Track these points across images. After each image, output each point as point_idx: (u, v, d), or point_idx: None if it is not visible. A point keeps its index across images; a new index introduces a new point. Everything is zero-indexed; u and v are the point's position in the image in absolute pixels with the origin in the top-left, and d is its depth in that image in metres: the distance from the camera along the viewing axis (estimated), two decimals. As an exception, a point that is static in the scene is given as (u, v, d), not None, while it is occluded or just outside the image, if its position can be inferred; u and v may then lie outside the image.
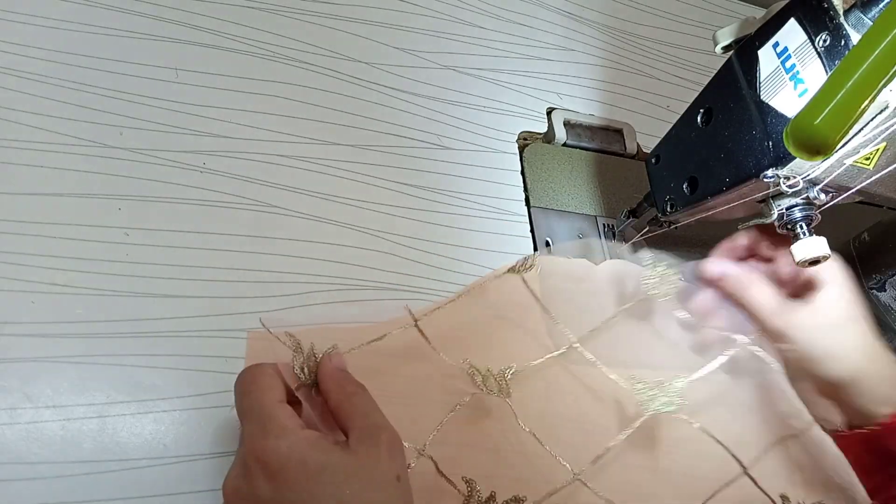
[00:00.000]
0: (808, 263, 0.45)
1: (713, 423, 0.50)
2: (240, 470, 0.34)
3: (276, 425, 0.34)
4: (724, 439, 0.50)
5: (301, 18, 0.60)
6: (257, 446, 0.34)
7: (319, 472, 0.33)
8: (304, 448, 0.34)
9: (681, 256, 0.62)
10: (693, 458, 0.51)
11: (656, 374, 0.51)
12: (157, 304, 0.45)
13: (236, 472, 0.34)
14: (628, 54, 0.73)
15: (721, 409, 0.53)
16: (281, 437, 0.34)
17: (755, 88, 0.43)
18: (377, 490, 0.34)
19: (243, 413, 0.36)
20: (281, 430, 0.34)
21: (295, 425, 0.35)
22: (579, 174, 0.63)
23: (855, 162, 0.41)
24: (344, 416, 0.37)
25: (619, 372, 0.51)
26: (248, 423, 0.35)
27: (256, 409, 0.35)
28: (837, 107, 0.33)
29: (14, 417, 0.40)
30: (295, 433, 0.34)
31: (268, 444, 0.33)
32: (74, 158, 0.48)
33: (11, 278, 0.43)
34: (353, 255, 0.52)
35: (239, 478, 0.34)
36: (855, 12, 0.38)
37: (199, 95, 0.53)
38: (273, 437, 0.34)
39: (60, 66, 0.50)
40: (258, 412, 0.35)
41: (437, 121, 0.60)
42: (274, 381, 0.37)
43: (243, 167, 0.52)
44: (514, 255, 0.56)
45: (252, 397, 0.36)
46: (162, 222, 0.48)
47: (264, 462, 0.33)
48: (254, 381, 0.37)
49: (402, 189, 0.56)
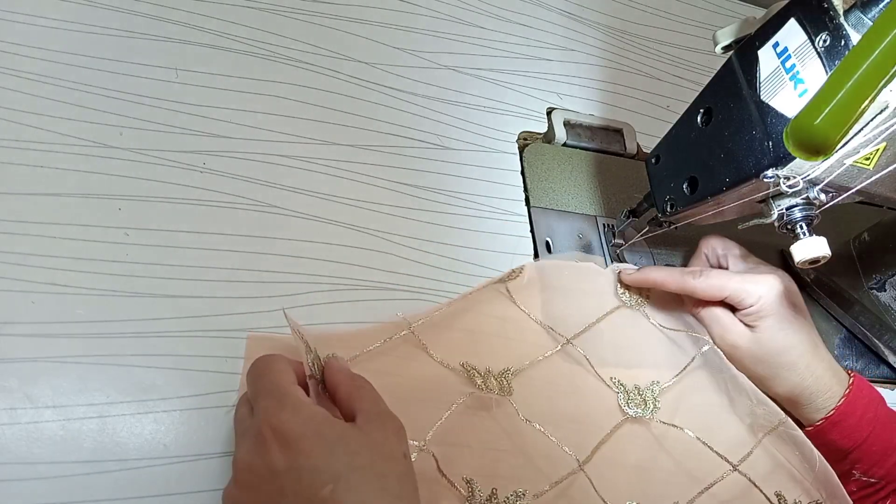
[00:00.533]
0: (808, 263, 0.45)
1: (698, 421, 0.52)
2: (252, 445, 0.35)
3: (292, 400, 0.36)
4: (710, 438, 0.51)
5: (301, 18, 0.60)
6: (274, 419, 0.35)
7: (334, 443, 0.34)
8: (320, 421, 0.35)
9: (681, 256, 0.62)
10: (685, 457, 0.51)
11: (650, 374, 0.53)
12: (157, 304, 0.45)
13: (248, 447, 0.35)
14: (628, 54, 0.73)
15: (704, 407, 0.54)
16: (297, 410, 0.35)
17: (755, 88, 0.43)
18: (387, 461, 0.35)
19: (258, 393, 0.37)
20: (298, 404, 0.36)
21: (309, 402, 0.36)
22: (579, 174, 0.63)
23: (855, 162, 0.41)
24: (352, 402, 0.38)
25: (615, 372, 0.52)
26: (264, 399, 0.36)
27: (272, 387, 0.37)
28: (837, 107, 0.33)
29: (14, 417, 0.40)
30: (310, 408, 0.36)
31: (284, 416, 0.35)
32: (74, 158, 0.48)
33: (11, 278, 0.43)
34: (353, 255, 0.52)
35: (251, 452, 0.35)
36: (855, 12, 0.38)
37: (199, 95, 0.53)
38: (290, 409, 0.35)
39: (60, 66, 0.50)
40: (274, 390, 0.36)
41: (437, 121, 0.60)
42: (287, 367, 0.38)
43: (243, 167, 0.52)
44: (514, 255, 0.56)
45: (267, 378, 0.37)
46: (162, 222, 0.48)
47: (281, 433, 0.34)
48: (268, 365, 0.38)
49: (402, 189, 0.56)
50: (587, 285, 0.56)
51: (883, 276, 0.64)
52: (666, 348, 0.55)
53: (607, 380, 0.52)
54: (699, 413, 0.53)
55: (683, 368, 0.54)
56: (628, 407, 0.51)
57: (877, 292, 0.65)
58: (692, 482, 0.50)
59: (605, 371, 0.52)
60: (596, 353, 0.52)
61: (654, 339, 0.55)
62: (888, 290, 0.64)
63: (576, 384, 0.51)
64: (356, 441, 0.35)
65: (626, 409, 0.51)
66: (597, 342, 0.53)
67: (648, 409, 0.51)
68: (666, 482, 0.50)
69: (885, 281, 0.64)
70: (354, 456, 0.34)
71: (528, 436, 0.47)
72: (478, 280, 0.53)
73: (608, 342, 0.54)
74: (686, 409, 0.53)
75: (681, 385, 0.53)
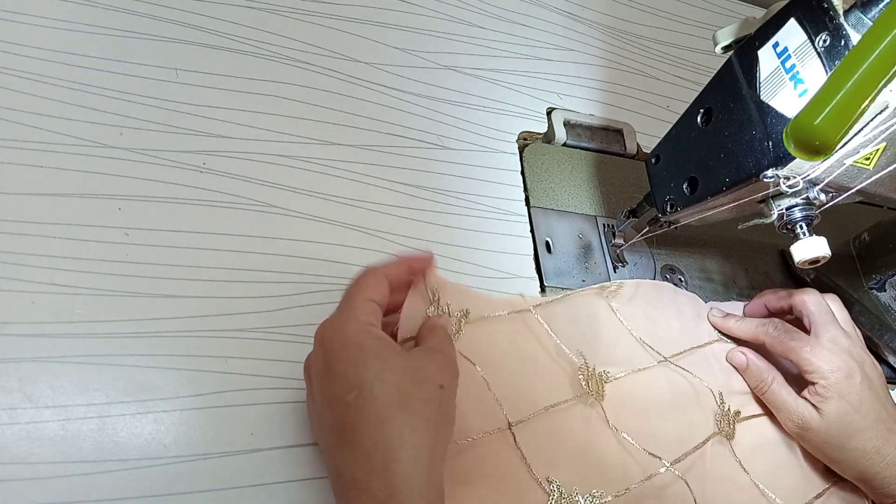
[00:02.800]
0: (808, 263, 0.45)
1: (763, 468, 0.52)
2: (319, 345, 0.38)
3: (351, 313, 0.37)
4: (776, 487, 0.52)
5: (301, 18, 0.60)
6: (327, 323, 0.37)
7: (370, 356, 0.36)
8: (366, 336, 0.37)
9: (681, 256, 0.62)
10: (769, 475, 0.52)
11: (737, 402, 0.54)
12: (157, 304, 0.45)
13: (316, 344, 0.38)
14: (628, 54, 0.73)
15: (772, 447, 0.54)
16: (349, 322, 0.37)
17: (755, 88, 0.43)
18: (417, 384, 0.36)
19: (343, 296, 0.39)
20: (352, 318, 0.37)
21: (369, 320, 0.38)
22: (579, 174, 0.63)
23: (855, 162, 0.41)
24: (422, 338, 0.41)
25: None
26: (340, 303, 0.39)
27: (347, 296, 0.39)
28: (837, 107, 0.33)
29: (14, 417, 0.40)
30: (364, 325, 0.37)
31: (336, 323, 0.37)
32: (74, 158, 0.48)
33: (11, 278, 0.43)
34: (353, 255, 0.52)
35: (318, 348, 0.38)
36: (855, 12, 0.38)
37: (199, 95, 0.53)
38: (341, 319, 0.37)
39: (60, 66, 0.50)
40: (348, 298, 0.39)
41: (437, 121, 0.60)
42: (379, 283, 0.40)
43: (243, 167, 0.52)
44: (514, 255, 0.56)
45: (353, 287, 0.39)
46: (162, 222, 0.48)
47: (321, 337, 0.37)
48: (364, 277, 0.40)
49: (402, 189, 0.56)
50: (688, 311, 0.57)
51: (883, 276, 0.64)
52: None
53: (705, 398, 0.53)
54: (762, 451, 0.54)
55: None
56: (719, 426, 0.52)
57: (877, 292, 0.65)
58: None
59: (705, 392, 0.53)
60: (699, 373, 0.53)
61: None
62: (888, 290, 0.64)
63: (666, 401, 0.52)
64: (393, 360, 0.36)
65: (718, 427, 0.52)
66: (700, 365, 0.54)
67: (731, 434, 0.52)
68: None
69: (885, 281, 0.64)
70: (385, 371, 0.36)
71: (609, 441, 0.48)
72: (477, 280, 0.53)
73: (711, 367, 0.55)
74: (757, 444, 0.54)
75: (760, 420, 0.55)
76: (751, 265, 0.65)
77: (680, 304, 0.57)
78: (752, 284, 0.63)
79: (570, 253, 0.58)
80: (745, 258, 0.65)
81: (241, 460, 0.42)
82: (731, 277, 0.63)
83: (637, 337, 0.53)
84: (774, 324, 0.53)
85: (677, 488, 0.48)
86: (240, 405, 0.44)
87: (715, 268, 0.63)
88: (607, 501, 0.45)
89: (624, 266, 0.59)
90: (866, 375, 0.51)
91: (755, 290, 0.61)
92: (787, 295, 0.55)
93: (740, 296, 0.62)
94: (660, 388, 0.52)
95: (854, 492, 0.53)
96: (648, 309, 0.55)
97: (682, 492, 0.47)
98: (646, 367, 0.52)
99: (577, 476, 0.46)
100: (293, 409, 0.44)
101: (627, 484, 0.46)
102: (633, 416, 0.49)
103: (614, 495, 0.45)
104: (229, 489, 0.41)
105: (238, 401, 0.44)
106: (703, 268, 0.62)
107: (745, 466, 0.51)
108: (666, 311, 0.56)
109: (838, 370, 0.50)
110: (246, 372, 0.45)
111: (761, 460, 0.52)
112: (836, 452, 0.50)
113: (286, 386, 0.45)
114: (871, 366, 0.52)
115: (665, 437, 0.49)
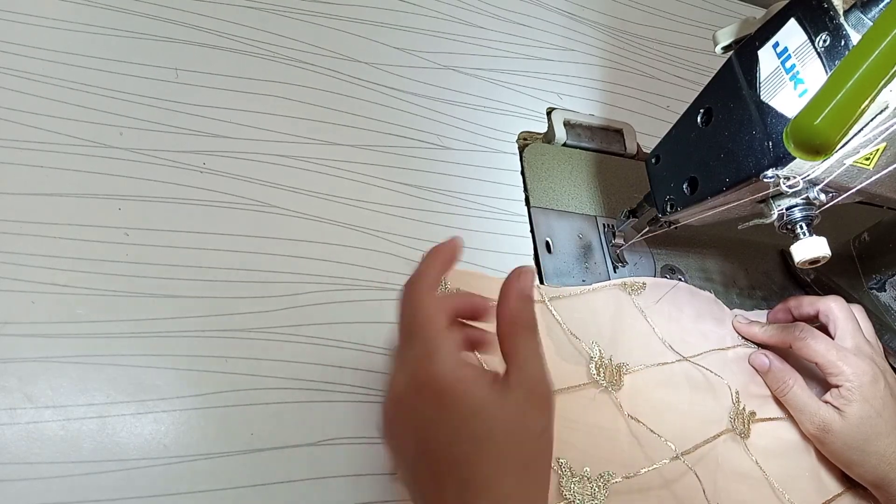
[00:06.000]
0: (808, 263, 0.45)
1: (777, 471, 0.53)
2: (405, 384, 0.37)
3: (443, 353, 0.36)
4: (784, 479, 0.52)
5: (301, 18, 0.60)
6: (422, 371, 0.36)
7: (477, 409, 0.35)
8: (468, 384, 0.36)
9: (681, 256, 0.62)
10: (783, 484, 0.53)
11: (753, 404, 0.55)
12: (157, 304, 0.45)
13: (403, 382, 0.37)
14: (628, 54, 0.73)
15: (791, 443, 0.55)
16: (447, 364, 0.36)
17: (755, 88, 0.43)
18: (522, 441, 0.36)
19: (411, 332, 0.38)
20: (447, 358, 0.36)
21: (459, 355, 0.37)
22: (579, 174, 0.63)
23: (855, 162, 0.41)
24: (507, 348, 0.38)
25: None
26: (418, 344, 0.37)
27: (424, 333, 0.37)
28: (837, 107, 0.33)
29: (14, 417, 0.40)
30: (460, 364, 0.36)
31: (433, 370, 0.36)
32: (74, 158, 0.48)
33: (11, 278, 0.43)
34: (353, 255, 0.52)
35: (405, 387, 0.37)
36: (855, 12, 0.38)
37: (199, 95, 0.53)
38: (440, 363, 0.36)
39: (60, 66, 0.50)
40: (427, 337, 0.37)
41: (437, 121, 0.60)
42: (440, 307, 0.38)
43: (243, 167, 0.52)
44: (514, 255, 0.56)
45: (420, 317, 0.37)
46: (162, 222, 0.48)
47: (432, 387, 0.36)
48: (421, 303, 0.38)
49: (402, 189, 0.56)
50: (711, 316, 0.58)
51: (883, 276, 0.64)
52: None
53: (722, 396, 0.53)
54: (777, 454, 0.54)
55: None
56: (733, 424, 0.52)
57: (877, 292, 0.65)
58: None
59: (722, 389, 0.54)
60: (720, 372, 0.54)
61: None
62: (888, 290, 0.64)
63: (687, 395, 0.53)
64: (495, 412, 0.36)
65: (731, 424, 0.52)
66: (720, 366, 0.55)
67: (746, 433, 0.53)
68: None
69: (885, 281, 0.64)
70: (493, 422, 0.35)
71: (622, 429, 0.49)
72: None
73: (731, 369, 0.56)
74: (773, 447, 0.54)
75: (777, 423, 0.55)
76: (751, 265, 0.65)
77: (702, 308, 0.58)
78: (752, 284, 0.63)
79: (570, 253, 0.58)
80: (745, 258, 0.65)
81: (241, 460, 0.42)
82: (731, 277, 0.63)
83: (660, 335, 0.54)
84: (800, 327, 0.54)
85: (687, 481, 0.48)
86: (240, 405, 0.44)
87: (715, 268, 0.63)
88: (617, 482, 0.46)
89: (624, 266, 0.59)
90: (888, 383, 0.51)
91: (755, 290, 0.61)
92: (814, 301, 0.56)
93: (740, 296, 0.62)
94: (677, 384, 0.53)
95: (866, 498, 0.54)
96: (672, 310, 0.57)
97: (692, 484, 0.48)
98: (666, 362, 0.53)
99: (588, 458, 0.47)
100: (293, 409, 0.45)
101: (637, 469, 0.47)
102: (647, 408, 0.50)
103: (624, 476, 0.46)
104: (229, 489, 0.41)
105: (238, 401, 0.44)
106: (703, 268, 0.62)
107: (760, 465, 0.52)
108: (689, 314, 0.57)
109: (864, 374, 0.50)
110: (246, 372, 0.45)
111: (775, 463, 0.52)
112: (855, 455, 0.51)
113: (286, 386, 0.45)
114: (892, 375, 0.53)
115: (678, 431, 0.50)
